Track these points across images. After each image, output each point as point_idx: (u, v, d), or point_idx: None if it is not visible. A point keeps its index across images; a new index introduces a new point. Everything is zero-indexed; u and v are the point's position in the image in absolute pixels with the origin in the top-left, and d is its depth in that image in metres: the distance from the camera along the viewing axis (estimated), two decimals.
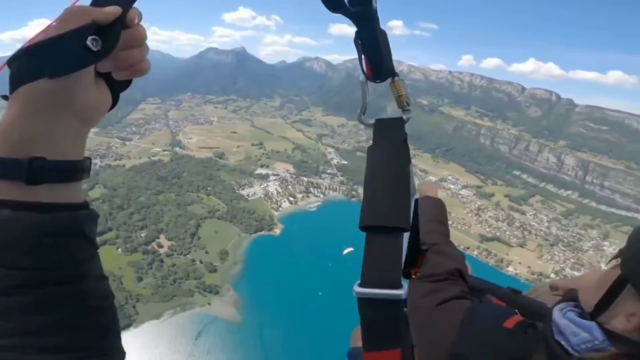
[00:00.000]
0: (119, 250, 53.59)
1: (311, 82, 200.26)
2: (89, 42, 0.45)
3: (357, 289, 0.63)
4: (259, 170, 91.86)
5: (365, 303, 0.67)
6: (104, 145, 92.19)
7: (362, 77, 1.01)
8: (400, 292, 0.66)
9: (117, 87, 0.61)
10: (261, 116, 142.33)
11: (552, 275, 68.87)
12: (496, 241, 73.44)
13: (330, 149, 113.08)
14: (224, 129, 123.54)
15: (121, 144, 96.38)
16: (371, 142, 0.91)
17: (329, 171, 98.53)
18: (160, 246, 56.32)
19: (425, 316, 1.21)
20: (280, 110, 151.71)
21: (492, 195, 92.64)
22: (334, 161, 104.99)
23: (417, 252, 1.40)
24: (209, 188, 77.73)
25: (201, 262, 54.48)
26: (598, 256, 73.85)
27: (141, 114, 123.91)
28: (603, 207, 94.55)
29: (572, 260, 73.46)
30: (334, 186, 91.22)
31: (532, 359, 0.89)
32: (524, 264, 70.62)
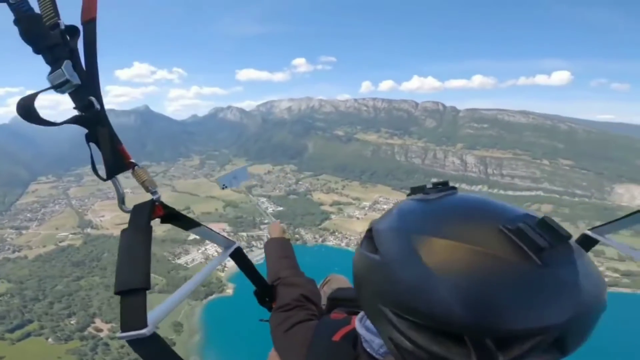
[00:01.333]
0: (49, 340, 49.75)
1: (228, 133, 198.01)
2: None
3: (117, 334, 0.81)
4: (193, 236, 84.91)
5: (130, 344, 0.86)
6: None
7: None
8: (143, 332, 0.85)
9: None
10: (182, 178, 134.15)
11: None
12: None
13: (262, 199, 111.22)
14: (139, 199, 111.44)
15: (17, 234, 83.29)
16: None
17: (266, 221, 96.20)
18: (99, 330, 52.87)
19: (278, 343, 1.32)
20: (202, 169, 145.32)
21: None
22: (269, 210, 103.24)
23: (269, 287, 1.71)
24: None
25: None
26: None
27: (34, 196, 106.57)
28: (510, 193, 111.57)
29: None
30: None
31: None
32: None
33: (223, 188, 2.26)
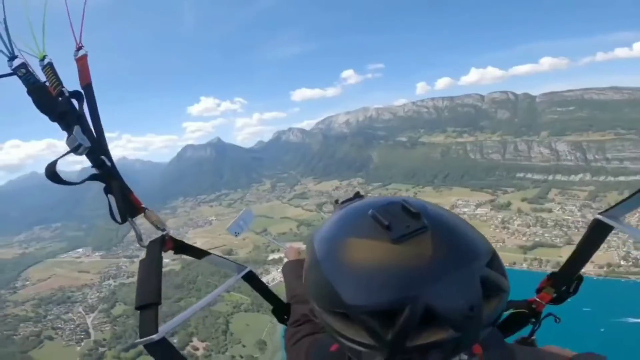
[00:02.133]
0: None
1: (292, 154, 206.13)
2: None
3: (135, 341, 1.18)
4: (272, 256, 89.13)
5: (145, 348, 1.06)
6: (113, 266, 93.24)
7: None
8: (153, 337, 1.05)
9: None
10: (257, 203, 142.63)
11: (623, 263, 64.92)
12: (539, 247, 70.03)
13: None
14: (224, 225, 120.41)
15: (129, 262, 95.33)
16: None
17: None
18: (196, 349, 56.73)
19: (289, 355, 1.43)
20: (273, 192, 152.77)
21: (509, 204, 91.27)
22: None
23: (286, 306, 1.91)
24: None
25: (242, 357, 54.59)
26: None
27: (141, 229, 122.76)
28: (622, 178, 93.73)
29: (630, 240, 70.08)
30: None
31: None
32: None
33: (236, 235, 2.46)
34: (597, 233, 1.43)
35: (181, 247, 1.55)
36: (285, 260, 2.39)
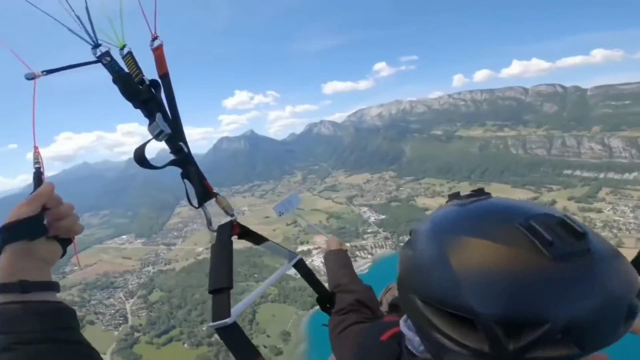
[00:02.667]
0: (185, 345, 55.67)
1: (324, 146, 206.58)
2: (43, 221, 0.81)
3: (209, 324, 0.99)
4: (300, 248, 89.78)
5: (218, 332, 1.11)
6: (152, 253, 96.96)
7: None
8: (226, 321, 1.10)
9: (64, 242, 0.90)
10: (288, 194, 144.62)
11: None
12: None
13: (364, 208, 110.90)
14: (256, 215, 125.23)
15: (167, 250, 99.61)
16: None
17: (369, 230, 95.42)
18: None
19: (335, 343, 1.46)
20: (304, 184, 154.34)
21: (554, 202, 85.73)
22: (372, 219, 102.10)
23: (330, 295, 1.94)
24: (255, 275, 76.78)
25: (265, 347, 54.28)
26: None
27: (178, 217, 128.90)
28: None
29: None
30: (379, 243, 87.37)
31: None
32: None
33: (280, 215, 2.46)
34: None
35: (245, 233, 1.55)
36: (326, 249, 2.41)
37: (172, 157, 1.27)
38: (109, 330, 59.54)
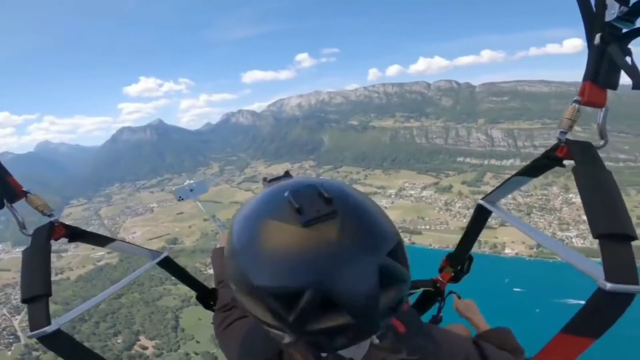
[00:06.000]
0: None
1: (242, 136, 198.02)
2: None
3: (27, 334, 0.84)
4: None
5: (40, 341, 1.01)
6: None
7: None
8: (46, 329, 1.01)
9: None
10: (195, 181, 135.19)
11: None
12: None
13: None
14: (168, 212, 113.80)
15: (57, 257, 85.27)
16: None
17: None
18: (145, 348, 53.18)
19: (221, 340, 1.40)
20: (222, 176, 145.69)
21: (451, 187, 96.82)
22: None
23: (211, 291, 1.87)
24: (172, 278, 70.49)
25: (196, 354, 51.20)
26: (574, 210, 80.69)
27: (69, 220, 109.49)
28: None
29: (555, 222, 78.13)
30: None
31: (284, 355, 0.99)
32: (517, 242, 71.98)
33: (179, 200, 2.33)
34: (479, 217, 1.57)
35: (76, 234, 1.39)
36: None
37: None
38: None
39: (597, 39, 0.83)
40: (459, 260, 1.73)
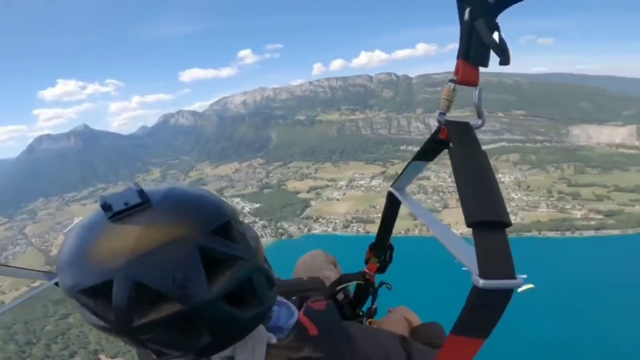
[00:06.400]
0: None
1: (184, 138, 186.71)
2: None
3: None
4: None
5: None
6: None
7: None
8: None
9: None
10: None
11: None
12: None
13: (236, 199, 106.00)
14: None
15: None
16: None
17: (246, 221, 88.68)
18: None
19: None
20: (164, 181, 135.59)
21: (397, 175, 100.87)
22: (247, 209, 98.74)
23: None
24: None
25: None
26: (506, 188, 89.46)
27: None
28: (490, 147, 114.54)
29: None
30: (259, 233, 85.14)
31: None
32: (461, 223, 76.65)
33: None
34: (392, 204, 1.52)
35: None
36: None
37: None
38: None
39: (466, 14, 0.78)
40: (381, 250, 1.70)
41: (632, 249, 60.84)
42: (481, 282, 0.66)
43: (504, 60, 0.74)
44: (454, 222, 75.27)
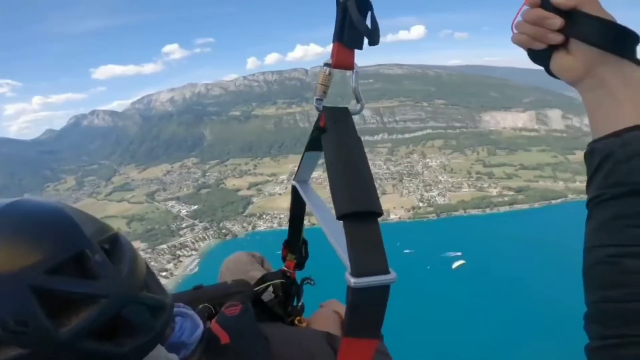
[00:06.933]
0: None
1: (101, 141, 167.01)
2: None
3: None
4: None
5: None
6: None
7: None
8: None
9: None
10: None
11: (421, 205, 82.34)
12: None
13: (171, 202, 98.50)
14: None
15: None
16: None
17: (184, 225, 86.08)
18: None
19: None
20: (82, 190, 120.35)
21: None
22: (183, 212, 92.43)
23: None
24: None
25: None
26: (432, 172, 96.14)
27: None
28: (407, 135, 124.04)
29: (421, 184, 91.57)
30: (200, 236, 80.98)
31: None
32: (398, 207, 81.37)
33: None
34: (297, 198, 1.45)
35: None
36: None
37: None
38: None
39: None
40: (295, 246, 1.64)
41: (540, 221, 70.30)
42: (352, 281, 0.62)
43: (371, 41, 0.74)
44: (392, 207, 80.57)
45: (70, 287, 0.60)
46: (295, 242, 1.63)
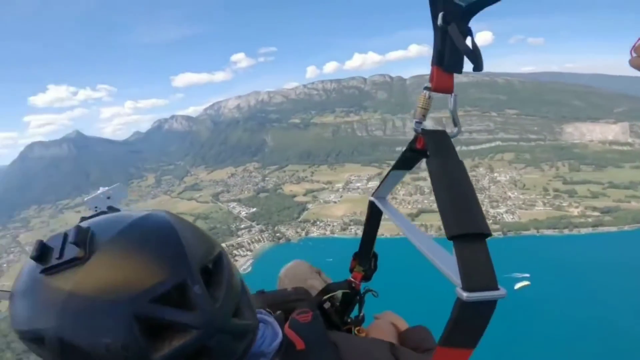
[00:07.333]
0: None
1: (178, 143, 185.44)
2: None
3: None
4: None
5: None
6: None
7: None
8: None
9: None
10: (140, 201, 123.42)
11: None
12: (423, 214, 77.71)
13: (232, 204, 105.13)
14: None
15: None
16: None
17: (242, 226, 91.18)
18: None
19: None
20: (159, 187, 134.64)
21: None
22: (243, 214, 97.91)
23: None
24: None
25: None
26: (500, 188, 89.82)
27: None
28: (472, 147, 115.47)
29: (486, 200, 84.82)
30: (256, 237, 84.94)
31: None
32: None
33: (95, 210, 1.95)
34: (373, 213, 1.54)
35: None
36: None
37: None
38: None
39: (439, 18, 0.78)
40: (365, 259, 1.72)
41: (630, 245, 61.06)
42: (465, 295, 0.67)
43: (477, 66, 0.75)
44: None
45: (169, 315, 0.66)
46: (365, 254, 1.70)
